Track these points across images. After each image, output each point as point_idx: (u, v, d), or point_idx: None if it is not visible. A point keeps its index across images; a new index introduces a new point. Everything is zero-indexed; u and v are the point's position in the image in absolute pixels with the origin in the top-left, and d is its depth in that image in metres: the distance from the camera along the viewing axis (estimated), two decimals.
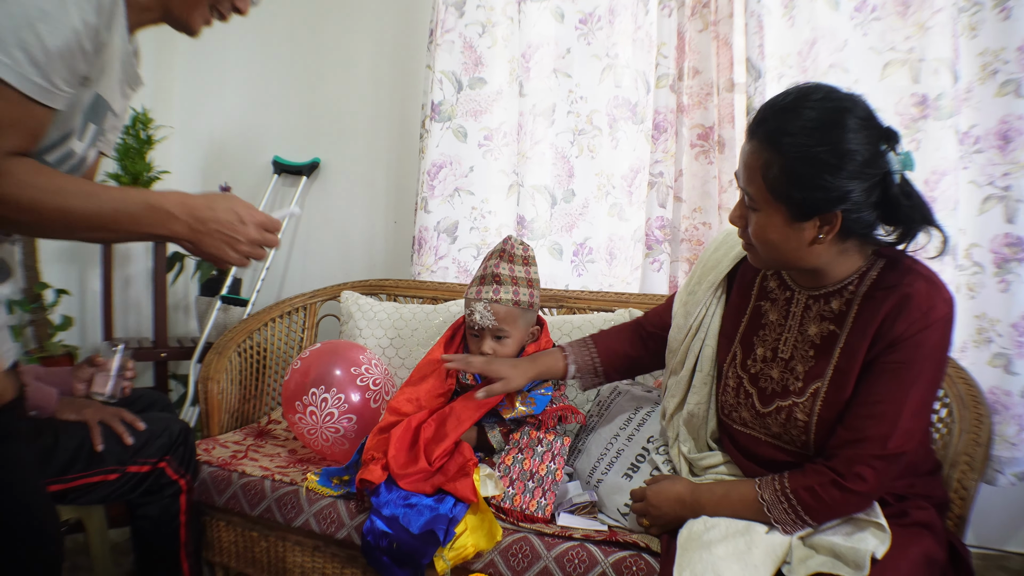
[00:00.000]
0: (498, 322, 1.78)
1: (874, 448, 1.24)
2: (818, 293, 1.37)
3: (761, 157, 1.24)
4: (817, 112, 1.21)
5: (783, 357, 1.40)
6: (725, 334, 1.55)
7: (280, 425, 2.33)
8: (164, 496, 1.71)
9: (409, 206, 2.93)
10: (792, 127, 1.21)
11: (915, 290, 1.24)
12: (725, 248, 1.60)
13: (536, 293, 1.84)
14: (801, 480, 1.30)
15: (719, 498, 1.40)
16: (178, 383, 3.14)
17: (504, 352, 1.81)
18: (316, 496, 1.79)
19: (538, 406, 1.75)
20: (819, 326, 1.36)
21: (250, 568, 1.91)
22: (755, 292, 1.51)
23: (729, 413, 1.50)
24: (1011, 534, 2.39)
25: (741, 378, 1.47)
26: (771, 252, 1.31)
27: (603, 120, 2.60)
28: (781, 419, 1.37)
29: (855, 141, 1.19)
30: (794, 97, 1.24)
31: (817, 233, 1.25)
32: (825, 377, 1.32)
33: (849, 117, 1.20)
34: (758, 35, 2.22)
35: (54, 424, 1.60)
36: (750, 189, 1.28)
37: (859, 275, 1.32)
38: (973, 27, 2.16)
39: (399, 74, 3.02)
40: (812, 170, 1.20)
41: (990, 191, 2.15)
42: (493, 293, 1.78)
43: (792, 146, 1.21)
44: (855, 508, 1.28)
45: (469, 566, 1.60)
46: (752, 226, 1.30)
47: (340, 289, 2.62)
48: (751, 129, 1.28)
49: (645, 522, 1.52)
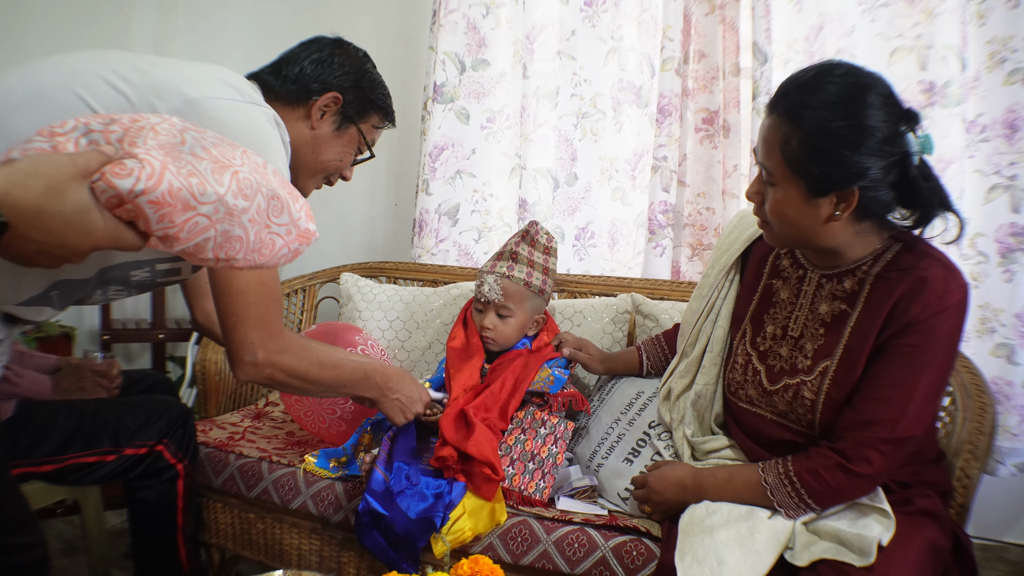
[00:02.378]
0: (504, 298, 1.77)
1: (883, 431, 1.23)
2: (831, 272, 1.36)
3: (780, 131, 1.24)
4: (838, 87, 1.20)
5: (793, 335, 1.39)
6: (736, 314, 1.54)
7: (278, 407, 2.32)
8: (161, 480, 1.69)
9: (410, 188, 2.91)
10: (813, 101, 1.20)
11: (931, 274, 1.22)
12: (738, 231, 1.60)
13: (549, 282, 1.83)
14: (805, 463, 1.29)
15: (722, 482, 1.39)
16: (176, 365, 3.12)
17: (504, 331, 1.80)
18: (314, 478, 1.78)
19: (555, 385, 1.74)
20: (830, 305, 1.34)
21: (247, 550, 1.90)
22: (767, 270, 1.50)
23: (735, 391, 1.49)
24: (1010, 525, 2.39)
25: (750, 355, 1.46)
26: (787, 229, 1.30)
27: (607, 103, 2.58)
28: (788, 397, 1.36)
29: (875, 118, 1.18)
30: (816, 72, 1.24)
31: (834, 210, 1.24)
32: (835, 356, 1.31)
33: (870, 93, 1.19)
34: (765, 19, 2.20)
35: (51, 405, 1.59)
36: (768, 163, 1.27)
37: (874, 257, 1.31)
38: (982, 15, 2.14)
39: (401, 55, 2.99)
40: (831, 144, 1.19)
41: (996, 180, 2.14)
42: (507, 269, 1.78)
43: (812, 120, 1.20)
44: (859, 492, 1.27)
45: (467, 549, 1.60)
46: (769, 202, 1.29)
47: (340, 271, 2.60)
48: (772, 104, 1.27)
49: (647, 508, 1.51)
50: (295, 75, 1.48)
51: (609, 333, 2.11)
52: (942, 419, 1.65)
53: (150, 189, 0.78)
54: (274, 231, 0.93)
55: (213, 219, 0.84)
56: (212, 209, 0.84)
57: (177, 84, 1.21)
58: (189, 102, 1.20)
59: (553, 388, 1.75)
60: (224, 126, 1.21)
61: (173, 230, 0.81)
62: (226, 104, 1.24)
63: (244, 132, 1.23)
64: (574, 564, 1.52)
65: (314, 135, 1.49)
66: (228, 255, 0.89)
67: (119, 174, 0.76)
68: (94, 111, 1.14)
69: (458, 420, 1.65)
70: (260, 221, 0.90)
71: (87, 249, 0.78)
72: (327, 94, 1.48)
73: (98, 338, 2.90)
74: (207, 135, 0.91)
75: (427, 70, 2.60)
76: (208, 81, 1.25)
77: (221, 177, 0.85)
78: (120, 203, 0.78)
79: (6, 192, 0.68)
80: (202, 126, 1.03)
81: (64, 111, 1.13)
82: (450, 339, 1.93)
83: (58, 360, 1.79)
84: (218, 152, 0.88)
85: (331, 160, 1.54)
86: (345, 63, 1.53)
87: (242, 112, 1.26)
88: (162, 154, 0.80)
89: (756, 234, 1.53)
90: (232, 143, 0.94)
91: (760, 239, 1.52)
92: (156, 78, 1.21)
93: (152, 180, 0.78)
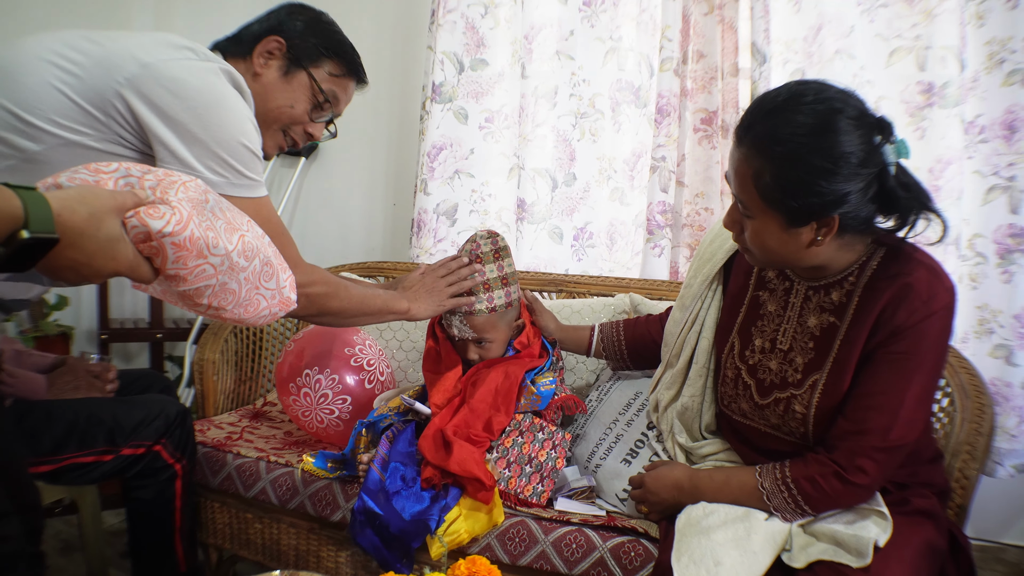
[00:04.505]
0: (478, 332, 1.75)
1: (875, 440, 1.23)
2: (818, 284, 1.34)
3: (752, 165, 1.20)
4: (807, 116, 1.16)
5: (782, 348, 1.39)
6: (722, 325, 1.53)
7: (276, 407, 2.31)
8: (159, 480, 1.68)
9: (408, 188, 2.91)
10: (782, 133, 1.17)
11: (916, 279, 1.21)
12: (720, 240, 1.57)
13: (512, 289, 1.79)
14: (803, 470, 1.28)
15: (718, 485, 1.38)
16: (174, 364, 3.12)
17: (491, 352, 1.77)
18: (312, 478, 1.77)
19: (543, 402, 1.72)
20: (819, 317, 1.33)
21: (244, 550, 1.90)
22: (753, 282, 1.48)
23: (728, 404, 1.49)
24: (1008, 526, 2.39)
25: (739, 369, 1.45)
26: (769, 256, 1.29)
27: (606, 103, 2.58)
28: (779, 411, 1.36)
29: (849, 143, 1.14)
30: (784, 99, 1.19)
31: (815, 236, 1.22)
32: (824, 369, 1.30)
33: (841, 119, 1.15)
34: (764, 19, 2.20)
35: (46, 404, 1.59)
36: (742, 196, 1.24)
37: (859, 265, 1.29)
38: (981, 16, 2.14)
39: (399, 54, 2.99)
40: (806, 177, 1.15)
41: (994, 181, 2.14)
42: (467, 307, 1.74)
43: (783, 155, 1.17)
44: (856, 500, 1.27)
45: (464, 550, 1.59)
46: (748, 232, 1.27)
47: (338, 271, 2.59)
48: (739, 134, 1.23)
49: (643, 508, 1.51)
50: (246, 33, 1.52)
51: None
52: (940, 420, 1.65)
53: (176, 233, 0.90)
54: (262, 293, 1.06)
55: (218, 270, 0.96)
56: (219, 261, 0.96)
57: (132, 51, 1.26)
58: (144, 66, 1.25)
59: (541, 406, 1.72)
60: (182, 84, 1.26)
61: (183, 272, 0.93)
62: (182, 63, 1.29)
63: (201, 88, 1.28)
64: (572, 565, 1.51)
65: (262, 83, 1.49)
66: (220, 304, 1.00)
67: (152, 215, 0.88)
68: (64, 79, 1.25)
69: (436, 439, 1.61)
70: (253, 282, 1.03)
71: (108, 273, 0.87)
72: (268, 38, 1.49)
73: (96, 337, 2.90)
74: (223, 201, 1.03)
75: (425, 70, 2.60)
76: (161, 45, 1.30)
77: (231, 236, 0.98)
78: (147, 239, 0.89)
79: (58, 213, 0.79)
80: (160, 87, 1.25)
81: (38, 83, 1.23)
82: (424, 364, 1.86)
83: (55, 359, 1.79)
84: (231, 216, 1.01)
85: (281, 106, 1.52)
86: (295, 12, 1.55)
87: (198, 68, 1.30)
88: (190, 206, 0.93)
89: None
90: (241, 212, 1.06)
91: None
92: (110, 48, 1.26)
93: (179, 226, 0.90)
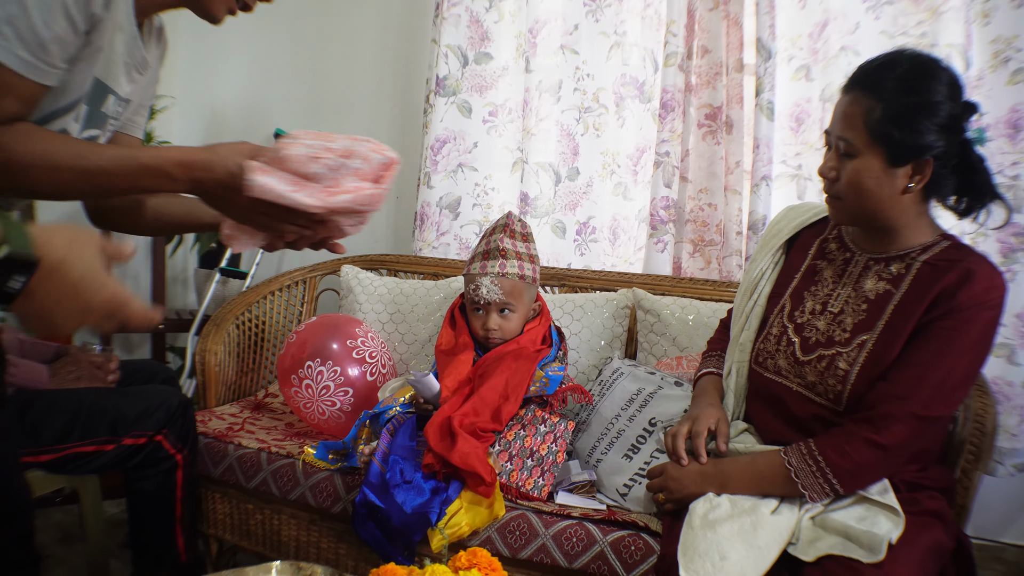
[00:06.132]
0: (505, 296, 1.77)
1: (917, 407, 1.26)
2: (879, 256, 1.39)
3: (862, 104, 1.30)
4: (911, 64, 1.30)
5: (832, 311, 1.42)
6: (776, 292, 1.55)
7: (277, 399, 2.32)
8: (160, 470, 1.68)
9: (412, 181, 2.90)
10: (893, 75, 1.30)
11: (979, 268, 1.27)
12: (787, 219, 1.62)
13: (537, 269, 1.83)
14: (830, 441, 1.30)
15: (744, 467, 1.38)
16: (176, 355, 3.12)
17: (509, 327, 1.79)
18: (313, 469, 1.78)
19: (551, 386, 1.73)
20: (875, 284, 1.37)
21: (245, 541, 1.90)
22: (813, 252, 1.52)
23: (764, 361, 1.49)
24: (1008, 525, 2.39)
25: (786, 327, 1.47)
26: (861, 200, 1.33)
27: (610, 98, 2.57)
28: (821, 367, 1.37)
29: (943, 94, 1.27)
30: (887, 56, 1.33)
31: (908, 181, 1.29)
32: (875, 330, 1.33)
33: (940, 72, 1.29)
34: (769, 15, 2.20)
35: (48, 394, 1.59)
36: (849, 135, 1.31)
37: (923, 247, 1.35)
38: (986, 14, 2.14)
39: (404, 47, 2.98)
40: (912, 112, 1.26)
41: (999, 180, 2.11)
42: (499, 267, 1.77)
43: (893, 90, 1.28)
44: (882, 470, 1.29)
45: (465, 543, 1.59)
46: (847, 174, 1.33)
47: (340, 263, 2.59)
48: (851, 82, 1.35)
49: (660, 497, 1.46)
50: None
51: (609, 328, 2.11)
52: None
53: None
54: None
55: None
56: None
57: None
58: None
59: (549, 389, 1.74)
60: None
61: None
62: None
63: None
64: (572, 558, 1.52)
65: None
66: None
67: None
68: None
69: (443, 428, 1.62)
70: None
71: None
72: None
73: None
74: None
75: (429, 63, 2.60)
76: None
77: None
78: None
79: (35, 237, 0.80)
80: None
81: None
82: (438, 345, 1.89)
83: (57, 349, 1.79)
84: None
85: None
86: None
87: None
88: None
89: (805, 222, 1.57)
90: None
91: (808, 227, 1.56)
92: None
93: None
